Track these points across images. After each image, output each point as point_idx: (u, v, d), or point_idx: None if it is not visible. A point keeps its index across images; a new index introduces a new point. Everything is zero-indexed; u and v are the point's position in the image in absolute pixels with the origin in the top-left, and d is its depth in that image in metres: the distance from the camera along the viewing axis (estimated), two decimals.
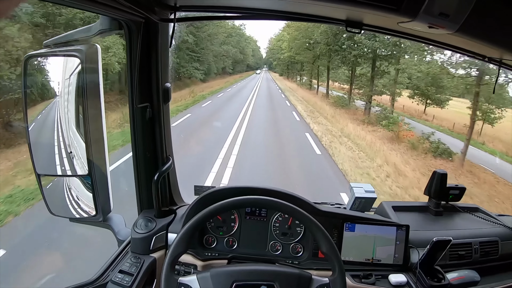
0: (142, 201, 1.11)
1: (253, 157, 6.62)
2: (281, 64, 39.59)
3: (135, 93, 0.95)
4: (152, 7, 0.86)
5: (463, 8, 0.71)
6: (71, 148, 1.01)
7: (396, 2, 0.72)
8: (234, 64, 39.46)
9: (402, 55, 13.72)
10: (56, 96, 0.99)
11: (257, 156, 6.74)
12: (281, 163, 6.34)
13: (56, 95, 0.99)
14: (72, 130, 1.00)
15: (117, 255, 1.02)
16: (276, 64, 44.12)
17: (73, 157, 1.01)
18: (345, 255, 1.06)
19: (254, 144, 7.72)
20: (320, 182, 5.47)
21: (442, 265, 1.06)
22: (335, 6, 0.77)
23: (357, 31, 0.92)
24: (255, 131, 9.20)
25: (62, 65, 0.98)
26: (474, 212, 1.34)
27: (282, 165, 6.22)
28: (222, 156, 6.35)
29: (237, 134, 8.47)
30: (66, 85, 0.97)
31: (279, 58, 36.57)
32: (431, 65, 12.49)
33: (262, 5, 0.90)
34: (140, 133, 1.02)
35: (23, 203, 3.91)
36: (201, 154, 6.47)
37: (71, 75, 0.95)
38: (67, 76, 0.96)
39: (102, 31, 0.91)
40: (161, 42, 0.95)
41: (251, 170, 5.78)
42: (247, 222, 1.10)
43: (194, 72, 20.30)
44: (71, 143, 1.00)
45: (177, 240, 0.76)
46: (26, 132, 0.99)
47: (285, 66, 38.86)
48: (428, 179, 1.30)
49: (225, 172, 5.44)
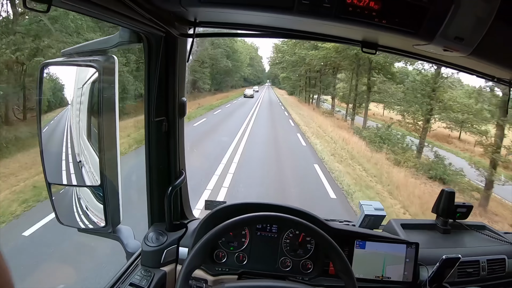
0: (153, 214, 1.10)
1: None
2: (292, 79, 26.51)
3: (152, 106, 0.95)
4: (173, 22, 0.87)
5: (477, 32, 0.73)
6: (81, 157, 1.00)
7: (414, 25, 0.73)
8: (215, 75, 25.01)
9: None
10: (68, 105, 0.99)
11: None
12: None
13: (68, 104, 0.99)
14: (83, 139, 0.99)
15: (127, 267, 1.00)
16: (285, 77, 28.35)
17: (81, 166, 1.00)
18: (356, 272, 1.04)
19: None
20: None
21: (450, 282, 1.07)
22: (354, 28, 0.79)
23: (372, 52, 0.94)
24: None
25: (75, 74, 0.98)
26: (481, 230, 1.35)
27: None
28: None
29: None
30: (79, 95, 0.97)
31: (290, 68, 23.85)
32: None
33: (279, 24, 0.91)
34: (155, 146, 1.02)
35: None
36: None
37: (84, 85, 0.94)
38: (80, 85, 0.96)
39: (121, 43, 0.92)
40: (179, 57, 0.96)
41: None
42: (257, 238, 1.10)
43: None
44: (81, 153, 1.00)
45: (192, 254, 0.76)
46: (39, 138, 0.98)
47: (298, 80, 25.90)
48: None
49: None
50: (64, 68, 1.01)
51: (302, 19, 0.75)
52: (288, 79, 28.33)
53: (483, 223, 1.40)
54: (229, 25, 0.94)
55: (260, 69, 55.72)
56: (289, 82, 29.04)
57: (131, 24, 0.80)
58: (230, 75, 29.63)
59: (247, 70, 40.85)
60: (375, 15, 0.71)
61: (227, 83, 30.94)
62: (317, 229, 0.81)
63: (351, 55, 15.10)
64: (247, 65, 39.91)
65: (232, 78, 31.53)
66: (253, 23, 0.92)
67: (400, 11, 0.71)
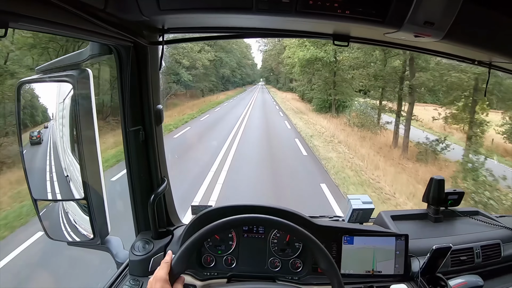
0: (139, 223, 1.11)
1: None
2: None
3: (127, 116, 0.96)
4: (141, 31, 0.87)
5: (447, 15, 0.72)
6: (68, 172, 1.01)
7: (380, 14, 0.73)
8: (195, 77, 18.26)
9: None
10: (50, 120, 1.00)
11: None
12: None
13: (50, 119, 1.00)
14: (68, 153, 1.00)
15: (116, 278, 1.01)
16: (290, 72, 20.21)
17: (69, 180, 1.01)
18: (345, 268, 1.05)
19: None
20: None
21: (444, 272, 1.05)
22: (322, 22, 0.78)
23: (344, 44, 0.93)
24: None
25: (56, 89, 0.99)
26: (474, 215, 1.33)
27: None
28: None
29: None
30: (60, 109, 0.98)
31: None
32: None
33: (250, 24, 0.91)
34: (134, 156, 1.02)
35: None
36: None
37: (65, 99, 0.95)
38: (61, 100, 0.97)
39: (93, 56, 0.92)
40: (151, 65, 0.96)
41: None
42: (245, 240, 1.10)
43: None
44: (67, 167, 1.00)
45: (174, 262, 0.76)
46: (21, 156, 0.99)
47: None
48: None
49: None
50: (40, 85, 1.02)
51: (268, 17, 0.75)
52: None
53: (476, 208, 1.38)
54: (200, 29, 0.94)
55: (251, 64, 40.70)
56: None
57: (98, 38, 0.81)
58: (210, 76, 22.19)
59: (238, 71, 31.41)
60: (338, 6, 0.70)
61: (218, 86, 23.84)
62: (298, 227, 0.81)
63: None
64: (240, 65, 31.75)
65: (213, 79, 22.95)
66: (223, 25, 0.92)
67: (363, 0, 0.70)
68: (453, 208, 1.31)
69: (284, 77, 32.31)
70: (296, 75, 19.56)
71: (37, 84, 1.01)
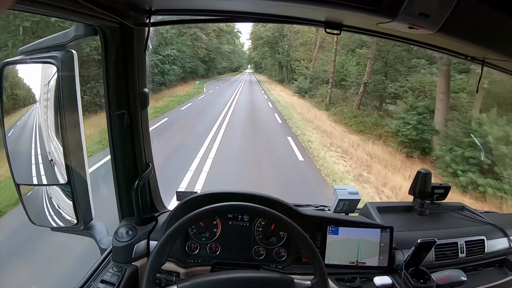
0: (123, 209, 1.10)
1: None
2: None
3: (112, 100, 0.94)
4: (127, 12, 0.84)
5: (443, 8, 0.70)
6: (52, 156, 0.99)
7: (374, 2, 0.71)
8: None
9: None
10: (35, 103, 0.98)
11: None
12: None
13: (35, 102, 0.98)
14: (52, 137, 0.98)
15: (99, 264, 1.00)
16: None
17: (53, 165, 1.00)
18: (330, 258, 1.06)
19: None
20: None
21: (428, 266, 1.06)
22: (314, 8, 0.76)
23: (336, 32, 0.92)
24: None
25: (40, 71, 0.96)
26: (459, 210, 1.34)
27: None
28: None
29: None
30: (45, 92, 0.95)
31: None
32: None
33: (240, 8, 0.89)
34: (118, 140, 1.01)
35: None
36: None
37: (50, 81, 0.93)
38: (46, 82, 0.94)
39: (77, 37, 0.90)
40: (137, 47, 0.94)
41: None
42: (229, 228, 1.09)
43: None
44: (52, 151, 0.99)
45: (155, 251, 0.74)
46: (3, 140, 0.97)
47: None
48: None
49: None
50: (24, 66, 0.99)
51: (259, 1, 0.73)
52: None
53: (462, 203, 1.39)
54: (188, 12, 0.92)
55: (239, 51, 37.58)
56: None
57: (82, 18, 0.79)
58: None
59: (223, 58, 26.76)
60: None
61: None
62: (281, 216, 0.80)
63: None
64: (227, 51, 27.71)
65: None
66: (211, 8, 0.90)
67: None
68: (439, 202, 1.32)
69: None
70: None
71: (21, 66, 0.98)
